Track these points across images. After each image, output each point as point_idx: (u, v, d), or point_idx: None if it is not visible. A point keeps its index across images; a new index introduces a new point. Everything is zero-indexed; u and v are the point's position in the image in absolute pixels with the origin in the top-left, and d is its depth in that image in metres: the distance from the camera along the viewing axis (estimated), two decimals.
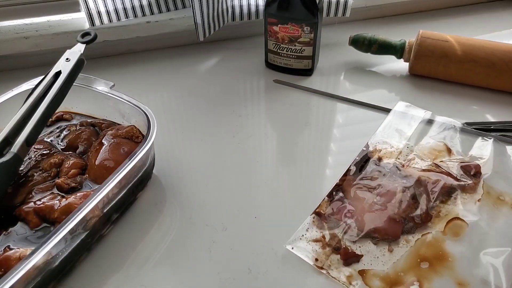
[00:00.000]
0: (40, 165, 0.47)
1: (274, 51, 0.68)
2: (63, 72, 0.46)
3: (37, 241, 0.40)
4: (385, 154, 0.53)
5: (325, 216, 0.45)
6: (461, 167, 0.50)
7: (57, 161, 0.47)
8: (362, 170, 0.50)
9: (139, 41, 0.74)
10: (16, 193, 0.44)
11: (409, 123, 0.58)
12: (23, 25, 0.67)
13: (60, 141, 0.52)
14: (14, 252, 0.38)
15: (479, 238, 0.43)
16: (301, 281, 0.40)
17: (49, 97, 0.44)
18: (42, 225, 0.41)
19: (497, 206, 0.46)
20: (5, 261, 0.37)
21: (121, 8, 0.69)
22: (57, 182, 0.45)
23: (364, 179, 0.49)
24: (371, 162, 0.51)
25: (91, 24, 0.68)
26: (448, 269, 0.40)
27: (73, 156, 0.48)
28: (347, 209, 0.45)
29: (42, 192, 0.44)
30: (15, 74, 0.71)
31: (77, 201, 0.41)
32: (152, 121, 0.46)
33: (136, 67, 0.73)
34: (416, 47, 0.65)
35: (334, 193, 0.48)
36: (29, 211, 0.42)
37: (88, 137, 0.51)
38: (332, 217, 0.45)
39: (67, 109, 0.57)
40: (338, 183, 0.49)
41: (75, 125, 0.54)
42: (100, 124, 0.54)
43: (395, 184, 0.48)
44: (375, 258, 0.41)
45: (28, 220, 0.41)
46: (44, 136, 0.52)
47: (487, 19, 0.85)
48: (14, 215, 0.42)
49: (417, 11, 0.88)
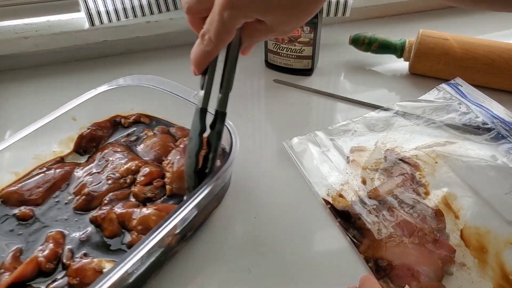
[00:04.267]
0: (116, 170, 0.46)
1: (274, 51, 0.68)
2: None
3: (111, 252, 0.40)
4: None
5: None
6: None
7: (134, 168, 0.46)
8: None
9: (139, 41, 0.74)
10: (91, 200, 0.44)
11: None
12: (23, 25, 0.67)
13: (137, 145, 0.51)
14: (89, 263, 0.38)
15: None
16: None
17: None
18: (117, 233, 0.41)
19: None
20: (81, 270, 0.37)
21: (120, 8, 0.69)
22: (134, 191, 0.45)
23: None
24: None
25: (90, 24, 0.68)
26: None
27: (149, 164, 0.47)
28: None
29: (117, 199, 0.44)
30: (14, 74, 0.72)
31: (156, 213, 0.41)
32: (234, 136, 0.44)
33: (136, 67, 0.73)
34: (417, 45, 0.65)
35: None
36: (105, 217, 0.41)
37: (165, 144, 0.50)
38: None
39: (145, 112, 0.55)
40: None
41: (151, 130, 0.53)
42: (177, 132, 0.52)
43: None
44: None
45: (104, 227, 0.41)
46: (121, 138, 0.52)
47: (487, 19, 0.85)
48: (90, 220, 0.42)
49: (417, 11, 0.88)
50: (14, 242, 0.40)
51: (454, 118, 0.57)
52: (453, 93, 0.61)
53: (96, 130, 0.51)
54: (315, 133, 0.56)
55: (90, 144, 0.50)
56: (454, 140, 0.54)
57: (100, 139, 0.51)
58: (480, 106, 0.59)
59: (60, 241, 0.40)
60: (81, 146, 0.50)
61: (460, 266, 0.41)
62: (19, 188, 0.44)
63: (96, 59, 0.75)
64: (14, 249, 0.39)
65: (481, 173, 0.49)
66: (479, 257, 0.42)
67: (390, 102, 0.62)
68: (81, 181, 0.46)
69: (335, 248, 0.44)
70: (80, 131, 0.51)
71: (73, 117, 0.50)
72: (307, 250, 0.44)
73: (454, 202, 0.46)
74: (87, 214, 0.43)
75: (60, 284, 0.37)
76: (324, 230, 0.46)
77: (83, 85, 0.69)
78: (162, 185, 0.45)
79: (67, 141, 0.50)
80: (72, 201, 0.44)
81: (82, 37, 0.70)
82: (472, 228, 0.44)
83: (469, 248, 0.43)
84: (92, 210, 0.44)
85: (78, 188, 0.45)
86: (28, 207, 0.43)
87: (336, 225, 0.46)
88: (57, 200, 0.45)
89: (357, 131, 0.57)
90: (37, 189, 0.44)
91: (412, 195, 0.47)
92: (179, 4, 0.73)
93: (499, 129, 0.55)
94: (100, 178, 0.46)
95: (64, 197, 0.45)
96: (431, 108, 0.59)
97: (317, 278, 0.41)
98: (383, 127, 0.57)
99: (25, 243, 0.40)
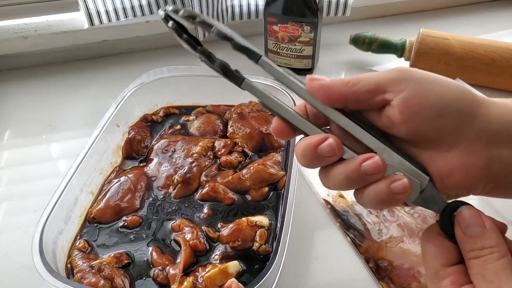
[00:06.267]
0: (188, 154, 0.48)
1: (274, 51, 0.68)
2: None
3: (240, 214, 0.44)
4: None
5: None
6: None
7: (209, 145, 0.50)
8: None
9: (139, 41, 0.74)
10: (188, 182, 0.46)
11: None
12: (22, 24, 0.67)
13: (189, 129, 0.54)
14: (239, 223, 0.40)
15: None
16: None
17: None
18: (236, 199, 0.45)
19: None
20: (237, 232, 0.40)
21: (120, 8, 0.68)
22: (223, 161, 0.48)
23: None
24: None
25: (90, 23, 0.67)
26: None
27: (216, 138, 0.51)
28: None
29: (212, 174, 0.47)
30: (14, 73, 0.71)
31: (264, 162, 0.46)
32: (297, 102, 0.48)
33: (136, 67, 0.73)
34: (417, 44, 0.65)
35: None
36: (217, 190, 0.45)
37: (212, 121, 0.54)
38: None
39: (169, 103, 0.58)
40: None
41: (188, 115, 0.56)
42: (212, 109, 0.57)
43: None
44: None
45: (220, 198, 0.44)
46: (166, 131, 0.54)
47: (487, 19, 0.85)
48: (201, 199, 0.45)
49: (417, 10, 0.88)
50: (147, 244, 0.41)
51: None
52: None
53: (139, 132, 0.52)
54: None
55: (140, 145, 0.51)
56: None
57: (145, 139, 0.52)
58: None
59: (190, 224, 0.42)
60: (133, 150, 0.51)
61: None
62: (106, 204, 0.44)
63: (96, 59, 0.75)
64: (152, 247, 0.40)
65: None
66: None
67: None
68: (163, 175, 0.47)
69: (335, 249, 0.44)
70: (124, 136, 0.52)
71: (117, 124, 0.51)
72: (307, 250, 0.44)
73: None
74: (191, 198, 0.45)
75: (225, 253, 0.39)
76: (324, 230, 0.46)
77: (83, 85, 0.69)
78: (242, 150, 0.50)
79: (117, 150, 0.51)
80: (168, 194, 0.46)
81: (81, 37, 0.70)
82: None
83: None
84: (191, 194, 0.46)
85: (165, 181, 0.46)
86: (129, 215, 0.43)
87: (336, 225, 0.46)
88: (151, 200, 0.45)
89: None
90: (126, 197, 0.44)
91: None
92: (178, 4, 0.73)
93: None
94: (182, 164, 0.48)
95: (157, 194, 0.46)
96: None
97: (317, 279, 0.41)
98: None
99: (156, 242, 0.41)
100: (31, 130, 0.61)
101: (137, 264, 0.39)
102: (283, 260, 0.34)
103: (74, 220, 0.42)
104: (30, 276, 0.39)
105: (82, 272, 0.37)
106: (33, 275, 0.33)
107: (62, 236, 0.40)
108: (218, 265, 0.37)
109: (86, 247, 0.40)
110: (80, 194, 0.43)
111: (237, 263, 0.38)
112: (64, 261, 0.39)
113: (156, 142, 0.52)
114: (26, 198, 0.51)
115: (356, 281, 0.41)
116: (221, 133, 0.53)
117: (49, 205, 0.39)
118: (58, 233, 0.39)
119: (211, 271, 0.36)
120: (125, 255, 0.39)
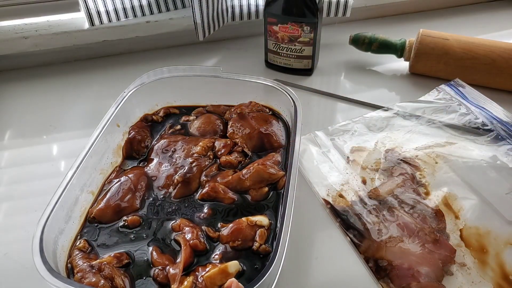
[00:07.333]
0: (188, 154, 0.48)
1: (274, 51, 0.68)
2: None
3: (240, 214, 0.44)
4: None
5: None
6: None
7: (209, 144, 0.50)
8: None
9: (139, 41, 0.74)
10: (188, 182, 0.46)
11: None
12: (23, 25, 0.67)
13: (189, 129, 0.54)
14: (239, 222, 0.40)
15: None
16: None
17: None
18: (236, 199, 0.45)
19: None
20: (237, 231, 0.40)
21: (120, 8, 0.69)
22: (223, 161, 0.48)
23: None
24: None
25: (90, 24, 0.68)
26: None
27: (216, 138, 0.51)
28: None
29: (212, 173, 0.47)
30: (14, 74, 0.71)
31: (264, 162, 0.46)
32: (297, 102, 0.49)
33: (136, 67, 0.73)
34: (417, 45, 0.65)
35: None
36: (217, 190, 0.45)
37: (212, 121, 0.54)
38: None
39: (169, 103, 0.57)
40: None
41: (188, 116, 0.56)
42: (212, 109, 0.57)
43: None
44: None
45: (221, 198, 0.44)
46: (166, 131, 0.54)
47: (487, 19, 0.85)
48: (201, 198, 0.45)
49: (417, 11, 0.88)
50: (147, 244, 0.41)
51: (453, 119, 0.57)
52: (453, 94, 0.61)
53: (139, 132, 0.52)
54: (315, 133, 0.56)
55: (141, 145, 0.51)
56: (454, 141, 0.54)
57: (145, 139, 0.52)
58: (480, 107, 0.58)
59: (190, 224, 0.42)
60: (133, 149, 0.51)
61: (460, 266, 0.41)
62: (107, 204, 0.44)
63: (96, 59, 0.75)
64: (152, 247, 0.40)
65: (481, 174, 0.49)
66: (479, 257, 0.42)
67: (390, 102, 0.62)
68: (163, 175, 0.47)
69: (335, 248, 0.44)
70: (124, 136, 0.52)
71: (117, 124, 0.51)
72: (307, 250, 0.44)
73: (455, 202, 0.46)
74: (191, 198, 0.45)
75: (225, 253, 0.39)
76: (324, 230, 0.46)
77: (84, 85, 0.69)
78: (242, 150, 0.50)
79: (118, 150, 0.51)
80: (168, 194, 0.46)
81: (82, 37, 0.70)
82: (472, 228, 0.44)
83: (469, 248, 0.43)
84: (191, 194, 0.46)
85: (165, 180, 0.46)
86: (129, 215, 0.43)
87: (336, 225, 0.46)
88: (152, 199, 0.45)
89: (357, 131, 0.57)
90: (126, 197, 0.44)
91: (413, 195, 0.47)
92: (178, 4, 0.73)
93: (498, 130, 0.55)
94: (182, 163, 0.48)
95: (158, 194, 0.46)
96: (431, 109, 0.59)
97: (317, 278, 0.41)
98: (383, 127, 0.57)
99: (156, 241, 0.41)
100: (31, 130, 0.61)
101: (137, 263, 0.39)
102: (283, 260, 0.35)
103: (74, 220, 0.42)
104: (30, 275, 0.39)
105: (83, 271, 0.37)
106: (33, 274, 0.33)
107: (62, 236, 0.40)
108: (218, 265, 0.37)
109: (87, 247, 0.40)
110: (80, 194, 0.43)
111: (237, 262, 0.38)
112: (65, 261, 0.39)
113: (156, 142, 0.52)
114: (27, 198, 0.51)
115: (356, 281, 0.41)
116: (221, 133, 0.53)
117: (49, 205, 0.39)
118: (59, 233, 0.39)
119: (211, 271, 0.36)
120: (125, 255, 0.40)
